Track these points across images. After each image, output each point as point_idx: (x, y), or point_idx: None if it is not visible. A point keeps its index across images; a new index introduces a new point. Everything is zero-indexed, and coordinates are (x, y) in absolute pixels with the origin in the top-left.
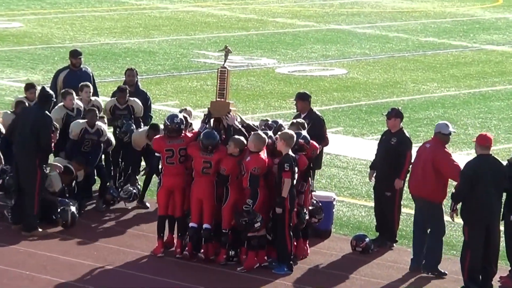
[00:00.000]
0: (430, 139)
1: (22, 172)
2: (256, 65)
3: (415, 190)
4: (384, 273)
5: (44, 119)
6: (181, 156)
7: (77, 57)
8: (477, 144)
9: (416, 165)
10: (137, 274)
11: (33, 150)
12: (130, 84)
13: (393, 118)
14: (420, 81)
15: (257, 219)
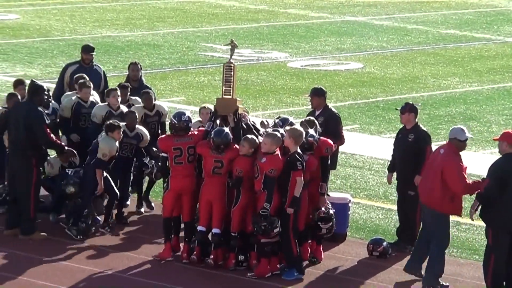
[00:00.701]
0: (445, 145)
1: (16, 173)
2: (266, 59)
3: (423, 197)
4: (402, 279)
5: (35, 114)
6: (190, 155)
7: (89, 53)
8: (505, 143)
9: (428, 171)
10: (141, 280)
11: (28, 148)
12: (133, 79)
13: (407, 112)
14: (441, 76)
15: (276, 224)
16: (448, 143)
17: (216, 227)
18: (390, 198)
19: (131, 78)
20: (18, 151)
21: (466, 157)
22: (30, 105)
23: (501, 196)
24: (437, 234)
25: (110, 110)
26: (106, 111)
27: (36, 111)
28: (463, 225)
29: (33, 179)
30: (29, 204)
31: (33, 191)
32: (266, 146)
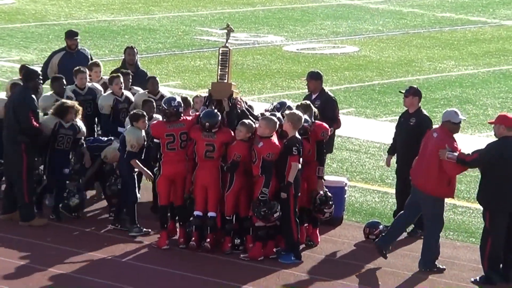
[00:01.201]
0: (438, 128)
1: (8, 159)
2: (262, 42)
3: (419, 182)
4: (399, 262)
5: (22, 99)
6: (182, 141)
7: (73, 38)
8: (502, 126)
9: (422, 156)
10: (138, 264)
11: (16, 134)
12: (130, 64)
13: (410, 96)
14: (437, 59)
15: (276, 209)
16: (441, 126)
17: (211, 211)
18: (387, 181)
19: (127, 62)
20: (9, 136)
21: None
22: (23, 91)
23: (498, 179)
24: (433, 217)
25: (115, 98)
26: (112, 100)
27: (26, 96)
28: (459, 208)
29: (23, 164)
30: (22, 190)
31: (25, 177)
32: (261, 129)
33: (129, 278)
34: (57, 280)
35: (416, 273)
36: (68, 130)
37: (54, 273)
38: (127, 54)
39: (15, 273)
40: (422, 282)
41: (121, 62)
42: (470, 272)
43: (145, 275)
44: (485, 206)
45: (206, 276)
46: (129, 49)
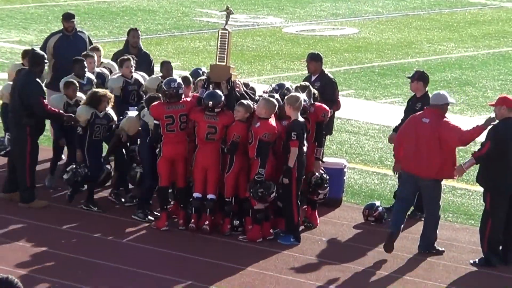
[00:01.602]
0: (425, 112)
1: (13, 142)
2: (262, 24)
3: (420, 170)
4: (398, 244)
5: (30, 85)
6: (182, 123)
7: (69, 20)
8: (504, 107)
9: (415, 144)
10: (137, 245)
11: (22, 117)
12: (133, 46)
13: (415, 81)
14: (436, 41)
15: (272, 190)
16: (430, 110)
17: (211, 193)
18: (386, 163)
19: (131, 44)
20: (14, 120)
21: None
22: (28, 76)
23: (500, 160)
24: (435, 200)
25: (125, 80)
26: (122, 82)
27: (33, 82)
28: (459, 190)
29: (28, 148)
30: (24, 173)
31: (28, 160)
32: (258, 109)
33: (128, 258)
34: (56, 260)
35: (416, 255)
36: (102, 119)
37: (52, 253)
38: (131, 36)
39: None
40: (421, 264)
41: (123, 44)
42: (469, 254)
43: (144, 256)
44: (485, 187)
45: (205, 257)
46: (133, 31)
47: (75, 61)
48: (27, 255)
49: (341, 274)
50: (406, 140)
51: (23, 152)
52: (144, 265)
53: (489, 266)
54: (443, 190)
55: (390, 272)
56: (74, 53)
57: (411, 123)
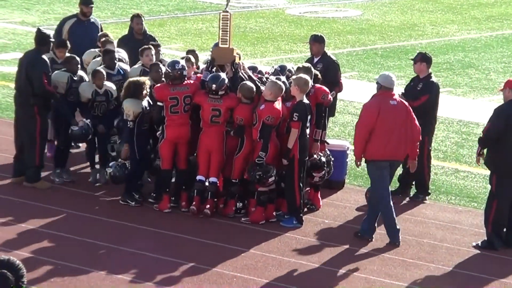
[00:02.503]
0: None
1: (20, 121)
2: (265, 5)
3: (400, 155)
4: (401, 226)
5: (36, 61)
6: (186, 105)
7: (89, 5)
8: (507, 89)
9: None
10: (139, 227)
11: (29, 97)
12: (138, 33)
13: (418, 62)
14: (439, 23)
15: (271, 173)
16: (388, 92)
17: (213, 176)
18: None
19: (136, 31)
20: (21, 99)
21: (465, 104)
22: (34, 54)
23: (505, 142)
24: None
25: (143, 69)
26: (140, 70)
27: (38, 59)
28: (461, 172)
29: (37, 127)
30: (34, 152)
31: (38, 139)
32: (265, 91)
33: (130, 240)
34: (59, 242)
35: (418, 237)
36: (146, 109)
37: (54, 235)
38: (135, 23)
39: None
40: (424, 246)
41: (128, 29)
42: (471, 237)
43: (146, 238)
44: (492, 169)
45: (208, 239)
46: (136, 18)
47: (105, 52)
48: (30, 238)
49: (343, 257)
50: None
51: (32, 131)
52: (146, 247)
53: (491, 249)
54: (446, 172)
55: (392, 254)
56: (88, 39)
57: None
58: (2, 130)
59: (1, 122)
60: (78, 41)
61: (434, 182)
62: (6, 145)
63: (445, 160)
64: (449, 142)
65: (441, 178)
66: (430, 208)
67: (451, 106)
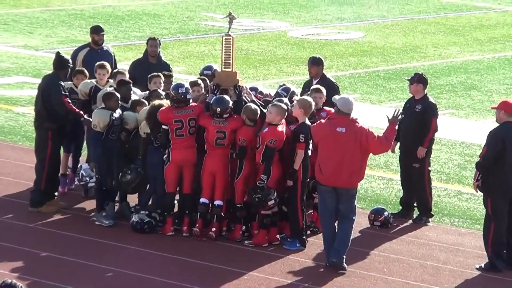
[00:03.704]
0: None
1: (35, 144)
2: (267, 28)
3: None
4: (404, 248)
5: (52, 85)
6: (191, 127)
7: (100, 33)
8: (502, 111)
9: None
10: (142, 250)
11: (45, 120)
12: (152, 55)
13: (415, 83)
14: (442, 45)
15: (271, 197)
16: (343, 118)
17: (218, 199)
18: (391, 168)
19: (150, 54)
20: (38, 123)
21: (468, 126)
22: (52, 78)
23: (500, 163)
24: (353, 208)
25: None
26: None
27: (55, 83)
28: (464, 194)
29: (48, 151)
30: (41, 176)
31: (47, 164)
32: (271, 116)
33: (134, 263)
34: (64, 266)
35: (421, 260)
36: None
37: (60, 259)
38: (149, 46)
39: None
40: (427, 268)
41: (143, 52)
42: (475, 259)
43: (149, 261)
44: (487, 192)
45: (211, 262)
46: (151, 40)
47: (120, 83)
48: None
49: (346, 279)
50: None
51: (43, 156)
52: (149, 270)
53: (495, 271)
54: (449, 194)
55: (395, 277)
56: None
57: (326, 135)
58: (5, 154)
59: (4, 146)
60: (93, 70)
61: (437, 204)
62: (9, 169)
63: (448, 182)
64: (452, 164)
65: (444, 200)
66: (433, 230)
67: (453, 128)
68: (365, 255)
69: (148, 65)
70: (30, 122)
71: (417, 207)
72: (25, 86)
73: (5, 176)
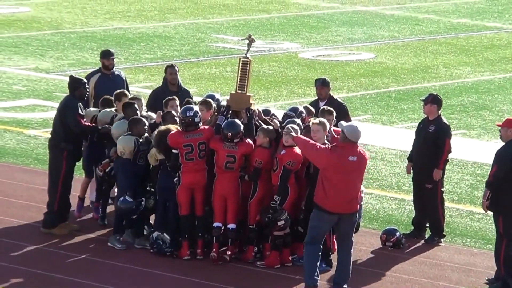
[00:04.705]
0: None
1: (49, 164)
2: (278, 49)
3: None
4: (416, 269)
5: (66, 105)
6: (201, 151)
7: (110, 57)
8: (510, 129)
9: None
10: (157, 273)
11: (61, 141)
12: (172, 83)
13: (429, 104)
14: (453, 65)
15: (281, 217)
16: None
17: (231, 223)
18: (403, 188)
19: (169, 81)
20: (53, 142)
21: (479, 146)
22: (67, 99)
23: (508, 182)
24: (353, 233)
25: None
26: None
27: (69, 104)
28: (476, 215)
29: (62, 172)
30: (55, 197)
31: (60, 184)
32: (284, 137)
33: (150, 287)
34: None
35: (434, 280)
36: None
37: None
38: (169, 73)
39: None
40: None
41: (162, 80)
42: None
43: (165, 284)
44: (496, 211)
45: (224, 284)
46: (170, 68)
47: (126, 105)
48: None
49: None
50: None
51: (57, 175)
52: None
53: None
54: (460, 214)
55: None
56: None
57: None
58: (17, 177)
59: (16, 168)
60: (106, 95)
61: (449, 224)
62: (21, 191)
63: (460, 202)
64: (464, 184)
65: (456, 220)
66: (445, 251)
67: (465, 148)
68: (377, 275)
69: (169, 93)
70: (41, 145)
71: (429, 228)
72: (37, 109)
73: (17, 198)
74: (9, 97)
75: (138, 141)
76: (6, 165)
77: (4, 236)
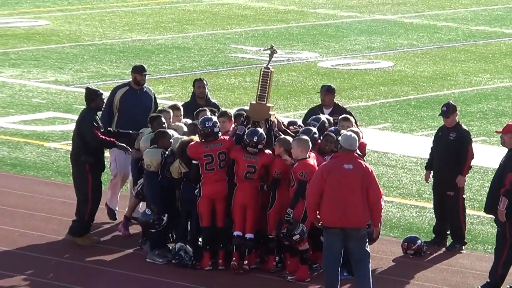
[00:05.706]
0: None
1: (75, 178)
2: (297, 59)
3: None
4: (438, 276)
5: (82, 117)
6: (221, 161)
7: (142, 73)
8: None
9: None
10: (174, 282)
11: (81, 154)
12: (200, 97)
13: (450, 115)
14: (472, 72)
15: (295, 231)
16: (351, 154)
17: (249, 232)
18: (424, 196)
19: (197, 95)
20: (75, 156)
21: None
22: (83, 112)
23: None
24: (367, 250)
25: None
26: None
27: (86, 116)
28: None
29: (89, 184)
30: (86, 208)
31: (90, 196)
32: (294, 151)
33: None
34: None
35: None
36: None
37: None
38: (197, 87)
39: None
40: None
41: (190, 95)
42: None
43: None
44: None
45: None
46: (198, 82)
47: (152, 118)
48: None
49: None
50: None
51: (86, 189)
52: None
53: None
54: (482, 221)
55: None
56: (141, 109)
57: (332, 173)
58: (38, 190)
59: (37, 181)
60: (130, 111)
61: (470, 231)
62: (42, 204)
63: (481, 209)
64: (484, 192)
65: (477, 227)
66: (467, 258)
67: (485, 155)
68: (400, 284)
69: (198, 107)
70: (62, 157)
71: (450, 235)
72: (57, 122)
73: (38, 211)
74: (29, 110)
75: (165, 153)
76: (27, 178)
77: (26, 249)
